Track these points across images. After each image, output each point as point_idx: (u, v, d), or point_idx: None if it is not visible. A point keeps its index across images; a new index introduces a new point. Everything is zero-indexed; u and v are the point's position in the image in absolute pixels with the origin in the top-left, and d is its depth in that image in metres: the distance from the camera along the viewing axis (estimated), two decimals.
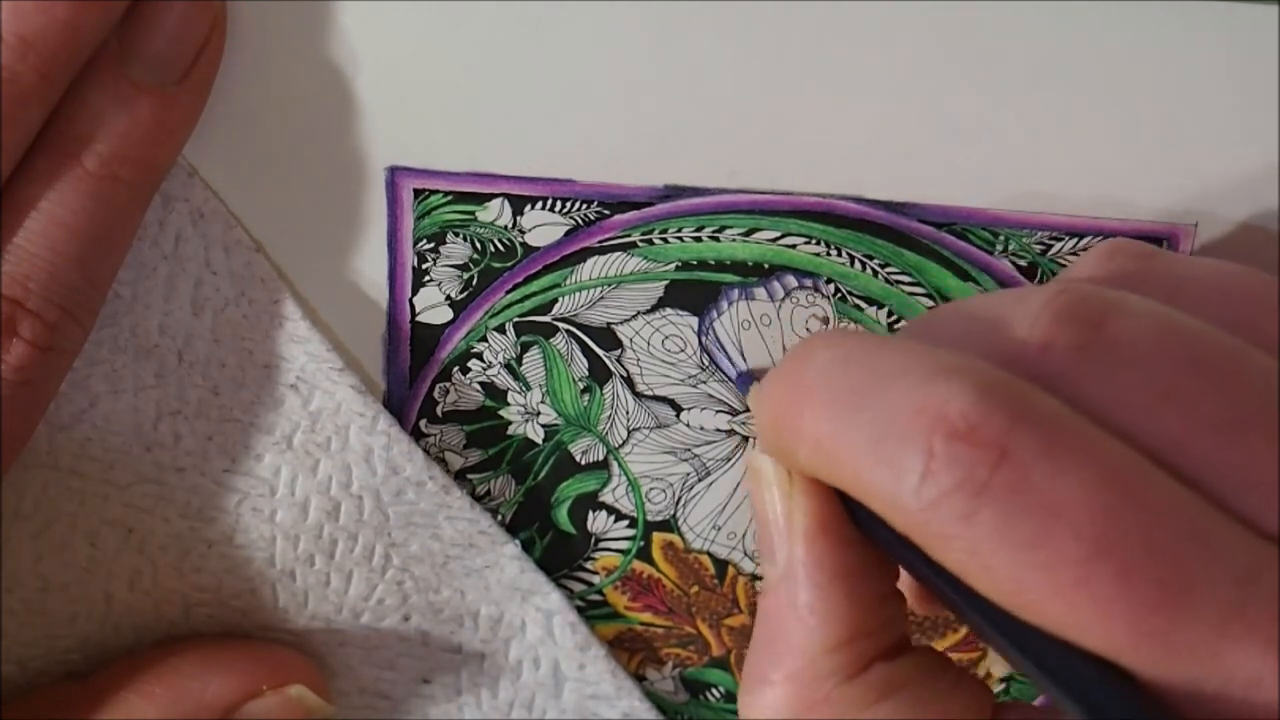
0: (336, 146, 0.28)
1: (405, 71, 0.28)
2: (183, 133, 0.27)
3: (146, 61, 0.26)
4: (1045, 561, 0.19)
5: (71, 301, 0.27)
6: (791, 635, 0.23)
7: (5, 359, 0.26)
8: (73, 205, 0.26)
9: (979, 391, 0.20)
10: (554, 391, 0.30)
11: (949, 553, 0.20)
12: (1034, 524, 0.19)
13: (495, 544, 0.31)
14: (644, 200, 0.29)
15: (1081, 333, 0.21)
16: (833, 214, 0.28)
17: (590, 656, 0.32)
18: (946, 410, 0.20)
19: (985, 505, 0.19)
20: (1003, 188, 0.28)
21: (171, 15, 0.26)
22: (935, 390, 0.20)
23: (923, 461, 0.20)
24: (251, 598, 0.32)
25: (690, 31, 0.27)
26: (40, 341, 0.27)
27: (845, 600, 0.23)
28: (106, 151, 0.26)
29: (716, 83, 0.27)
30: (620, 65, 0.27)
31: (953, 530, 0.19)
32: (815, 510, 0.23)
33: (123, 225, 0.27)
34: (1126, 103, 0.27)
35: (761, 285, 0.29)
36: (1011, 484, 0.19)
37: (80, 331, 0.28)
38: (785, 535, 0.23)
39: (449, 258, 0.29)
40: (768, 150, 0.28)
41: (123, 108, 0.26)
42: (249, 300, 0.29)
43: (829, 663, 0.23)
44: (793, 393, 0.22)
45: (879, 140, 0.28)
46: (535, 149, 0.28)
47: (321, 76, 0.28)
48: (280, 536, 0.31)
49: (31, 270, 0.26)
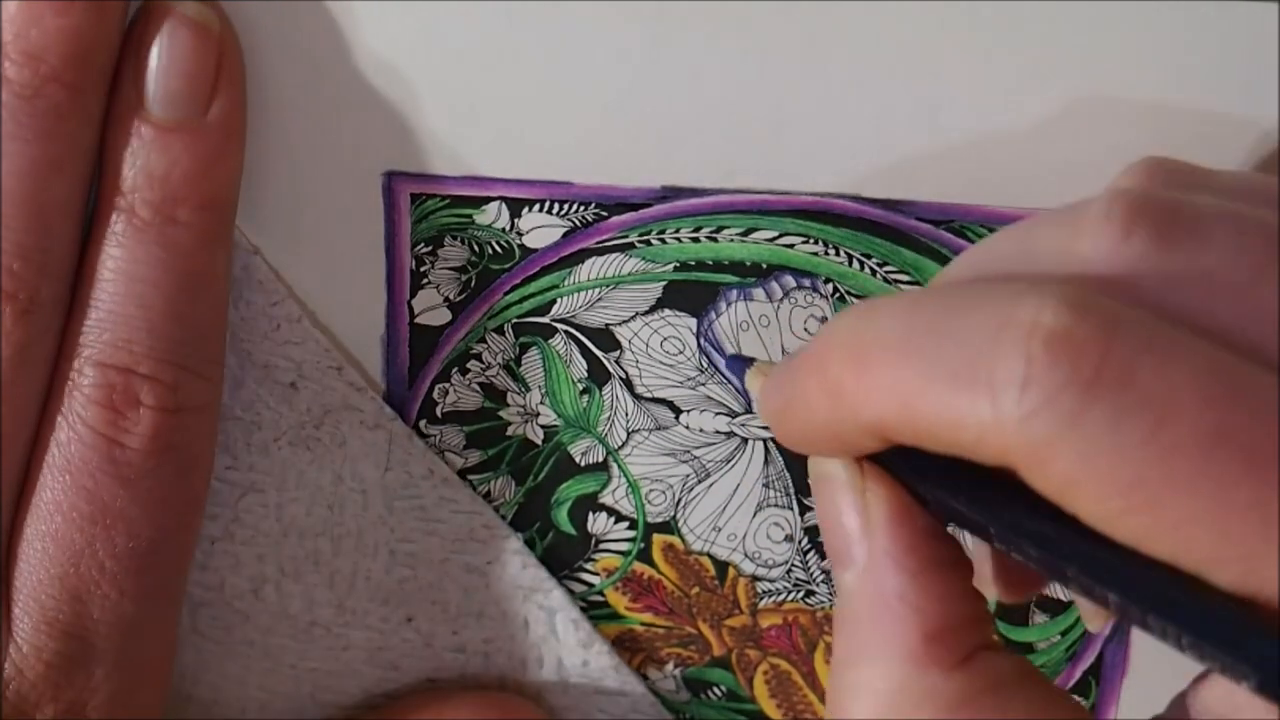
0: (333, 151, 0.28)
1: (401, 75, 0.27)
2: (227, 160, 0.27)
3: (165, 101, 0.26)
4: (1164, 452, 0.18)
5: (183, 356, 0.27)
6: (884, 630, 0.22)
7: (139, 431, 0.26)
8: (143, 258, 0.26)
9: (1070, 301, 0.19)
10: (553, 393, 0.30)
11: (1054, 464, 0.19)
12: (1149, 416, 0.18)
13: (497, 538, 0.32)
14: (641, 201, 0.28)
15: (1159, 226, 0.20)
16: (830, 213, 0.28)
17: (593, 653, 0.32)
18: (1040, 318, 0.19)
19: (1095, 401, 0.18)
20: (1000, 185, 0.28)
21: (177, 52, 0.26)
22: (1023, 305, 0.19)
23: (1023, 368, 0.19)
24: (254, 598, 0.32)
25: (686, 32, 0.27)
26: (166, 404, 0.26)
27: (938, 585, 0.22)
28: (156, 198, 0.26)
29: (713, 83, 0.27)
30: (616, 66, 0.27)
31: (1062, 434, 0.19)
32: (892, 499, 0.22)
33: (203, 265, 0.27)
34: (1125, 102, 0.27)
35: (760, 286, 0.29)
36: (1119, 379, 0.18)
37: (205, 384, 0.27)
38: (863, 531, 0.22)
39: (447, 260, 0.29)
40: (764, 150, 0.28)
41: (156, 151, 0.26)
42: (246, 302, 0.29)
43: (930, 653, 0.22)
44: (858, 351, 0.21)
45: (876, 139, 0.27)
46: (532, 151, 0.28)
47: (318, 81, 0.28)
48: (283, 534, 0.31)
49: (130, 333, 0.26)
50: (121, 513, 0.26)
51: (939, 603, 0.22)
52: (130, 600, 0.27)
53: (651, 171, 0.28)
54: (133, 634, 0.27)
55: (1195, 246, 0.20)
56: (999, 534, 0.21)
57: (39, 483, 0.26)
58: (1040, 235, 0.22)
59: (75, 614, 0.27)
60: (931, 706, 0.21)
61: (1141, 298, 0.20)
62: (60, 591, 0.26)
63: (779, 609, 0.32)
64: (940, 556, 0.22)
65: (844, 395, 0.21)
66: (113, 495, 0.26)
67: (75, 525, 0.26)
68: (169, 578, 0.28)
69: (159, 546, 0.27)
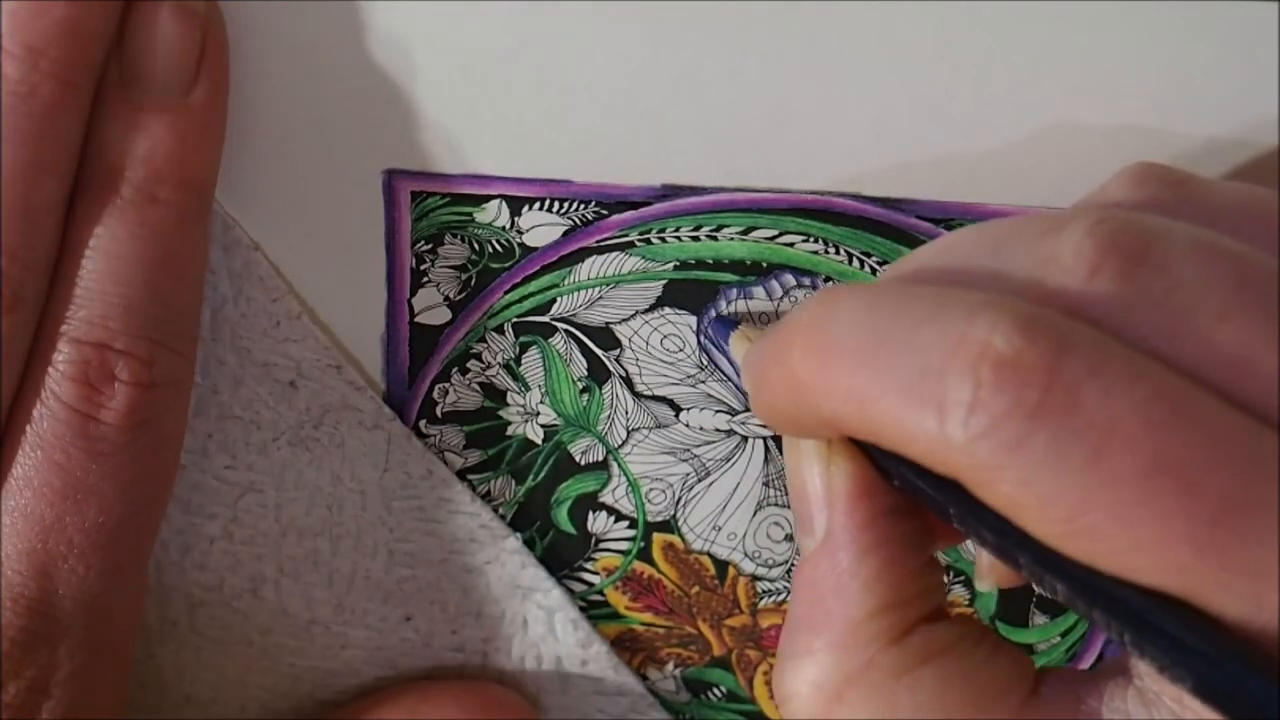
0: (334, 149, 0.28)
1: (402, 73, 0.27)
2: (208, 141, 0.27)
3: (148, 82, 0.26)
4: (1103, 481, 0.18)
5: (159, 332, 0.27)
6: (832, 603, 0.23)
7: (114, 406, 0.26)
8: (122, 236, 0.26)
9: (1022, 322, 0.19)
10: (553, 392, 0.30)
11: (998, 486, 0.19)
12: (1089, 444, 0.18)
13: (496, 538, 0.31)
14: (641, 200, 0.28)
15: (1127, 262, 0.20)
16: (830, 211, 0.28)
17: (592, 653, 0.32)
18: (991, 340, 0.19)
19: (1038, 428, 0.19)
20: (1000, 185, 0.28)
21: (160, 31, 0.26)
22: (977, 323, 0.19)
23: (970, 391, 0.19)
24: (253, 598, 0.32)
25: (686, 31, 0.27)
26: (141, 379, 0.26)
27: (888, 564, 0.22)
28: (137, 177, 0.26)
29: (713, 81, 0.27)
30: (617, 65, 0.27)
31: (1003, 460, 0.19)
32: (855, 474, 0.23)
33: (181, 244, 0.27)
34: (1125, 101, 0.27)
35: (760, 284, 0.29)
36: (1064, 406, 0.19)
37: (180, 360, 0.27)
38: (824, 502, 0.23)
39: (447, 259, 0.29)
40: (764, 148, 0.28)
41: (138, 131, 0.26)
42: (246, 299, 0.29)
43: (872, 628, 0.22)
44: (818, 347, 0.22)
45: (876, 137, 0.27)
46: (532, 149, 0.28)
47: (318, 78, 0.28)
48: (282, 534, 0.31)
49: (106, 309, 0.26)
50: (93, 488, 0.26)
51: (888, 579, 0.22)
52: (97, 576, 0.27)
53: (651, 170, 0.28)
54: (98, 611, 0.27)
55: (1162, 286, 0.20)
56: (958, 516, 0.21)
57: (10, 458, 0.26)
58: (1013, 245, 0.22)
59: (42, 589, 0.26)
60: (869, 681, 0.22)
61: (1105, 319, 0.20)
62: (27, 567, 0.26)
63: (779, 608, 0.32)
64: (897, 533, 0.23)
65: (803, 389, 0.22)
66: (85, 470, 0.26)
67: (45, 500, 0.26)
68: (136, 554, 0.28)
69: (128, 522, 0.27)
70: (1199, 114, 0.27)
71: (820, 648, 0.23)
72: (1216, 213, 0.22)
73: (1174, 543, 0.18)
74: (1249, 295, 0.20)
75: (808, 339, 0.22)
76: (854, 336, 0.21)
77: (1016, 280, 0.21)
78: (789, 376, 0.22)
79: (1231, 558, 0.18)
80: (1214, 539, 0.18)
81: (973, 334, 0.19)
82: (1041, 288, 0.21)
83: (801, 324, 0.22)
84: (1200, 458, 0.18)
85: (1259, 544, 0.18)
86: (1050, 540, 0.19)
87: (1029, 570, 0.20)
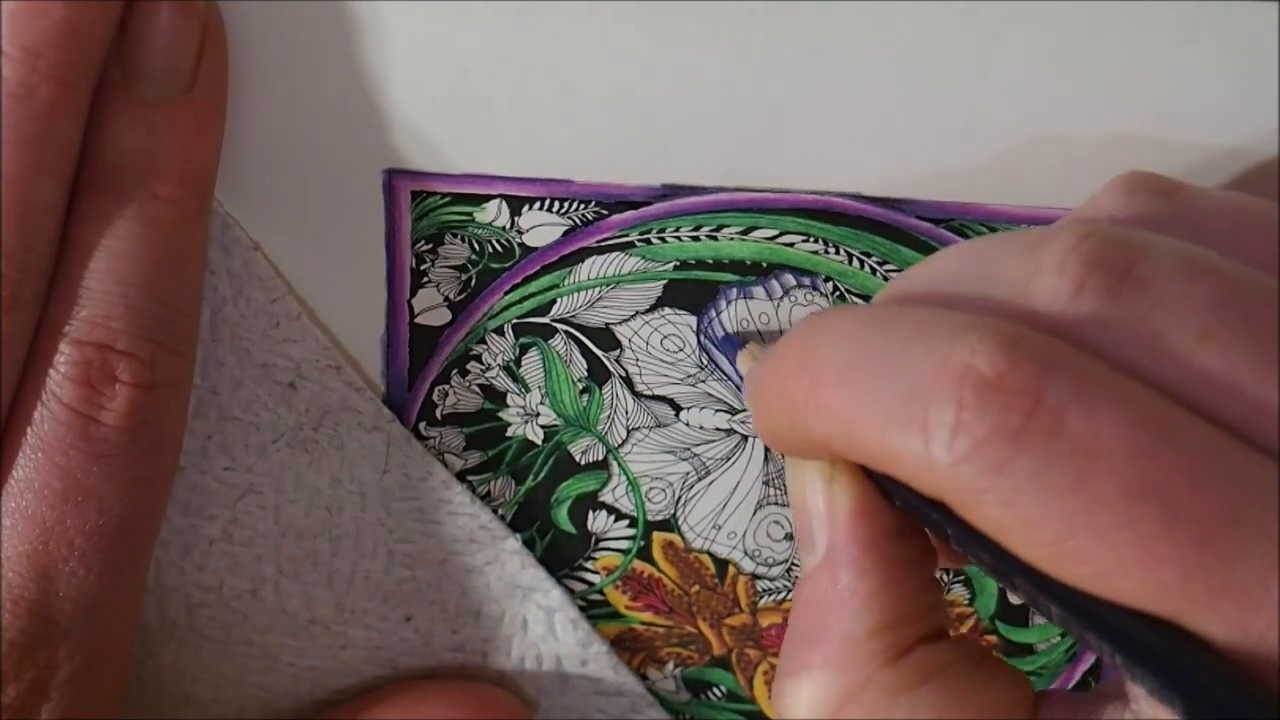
0: (334, 148, 0.28)
1: (402, 73, 0.27)
2: (208, 137, 0.27)
3: (147, 78, 0.26)
4: (1087, 504, 0.18)
5: (160, 333, 0.27)
6: (832, 621, 0.23)
7: (114, 407, 0.26)
8: (123, 235, 0.26)
9: (1006, 343, 0.19)
10: (553, 392, 0.30)
11: (983, 509, 0.19)
12: (1073, 467, 0.19)
13: (496, 539, 0.31)
14: (641, 200, 0.28)
15: (1110, 279, 0.20)
16: (830, 211, 0.28)
17: (592, 653, 0.32)
18: (974, 362, 0.19)
19: (1021, 451, 0.19)
20: (1000, 183, 0.28)
21: (159, 28, 0.26)
22: (960, 345, 0.20)
23: (953, 414, 0.19)
24: (253, 599, 0.32)
25: (686, 31, 0.27)
26: (142, 380, 0.26)
27: (888, 583, 0.22)
28: (137, 174, 0.26)
29: (713, 81, 0.27)
30: (617, 65, 0.27)
31: (987, 483, 0.19)
32: (857, 494, 0.23)
33: (182, 243, 0.27)
34: (1125, 101, 0.27)
35: (760, 284, 0.29)
36: (1047, 429, 0.19)
37: (180, 361, 0.27)
38: (826, 520, 0.23)
39: (447, 259, 0.29)
40: (765, 148, 0.28)
41: (138, 128, 0.26)
42: (246, 299, 0.29)
43: (870, 646, 0.22)
44: (807, 370, 0.22)
45: (876, 137, 0.27)
46: (532, 149, 0.28)
47: (318, 78, 0.28)
48: (281, 535, 0.31)
49: (108, 309, 0.26)
50: (94, 490, 0.26)
51: (888, 599, 0.22)
52: (97, 578, 0.27)
53: (651, 170, 0.28)
54: (97, 613, 0.27)
55: (1145, 305, 0.20)
56: (956, 537, 0.21)
57: (11, 461, 0.26)
58: (998, 263, 0.22)
59: (42, 591, 0.26)
60: (867, 699, 0.22)
61: (1089, 338, 0.20)
62: (28, 569, 0.26)
63: (779, 608, 0.32)
64: (897, 553, 0.23)
65: (797, 411, 0.22)
66: (85, 472, 0.26)
67: (46, 502, 0.26)
68: (136, 556, 0.28)
69: (129, 524, 0.27)
70: (1199, 115, 0.27)
71: (819, 665, 0.23)
72: (1208, 224, 0.22)
73: (1159, 565, 0.18)
74: (1232, 314, 0.20)
75: (799, 361, 0.22)
76: (842, 358, 0.21)
77: (1003, 299, 0.21)
78: (784, 398, 0.22)
79: (1218, 580, 0.18)
80: (1200, 561, 0.18)
81: (956, 356, 0.19)
82: (1027, 306, 0.21)
83: (794, 346, 0.22)
84: (1184, 480, 0.18)
85: (1244, 566, 0.18)
86: (1037, 562, 0.19)
87: (1024, 592, 0.20)
